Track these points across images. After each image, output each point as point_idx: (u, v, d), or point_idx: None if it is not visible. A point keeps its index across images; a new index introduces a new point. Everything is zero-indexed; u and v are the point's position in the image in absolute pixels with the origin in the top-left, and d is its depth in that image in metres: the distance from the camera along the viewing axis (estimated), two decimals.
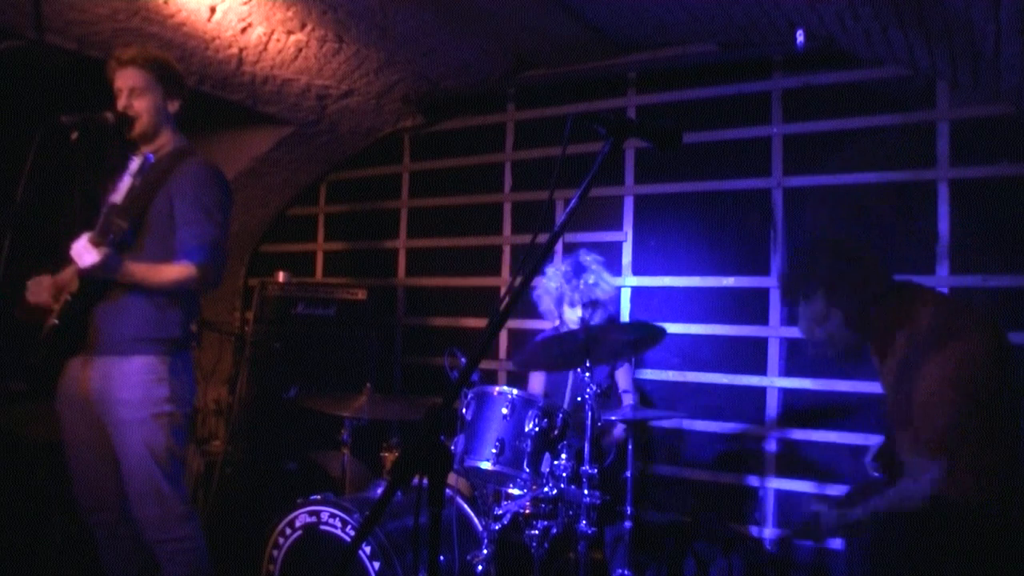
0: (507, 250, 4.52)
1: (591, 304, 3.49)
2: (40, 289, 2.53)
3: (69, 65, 3.53)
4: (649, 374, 4.00)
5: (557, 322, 3.64)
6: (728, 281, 3.85)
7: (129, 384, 2.47)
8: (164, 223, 2.53)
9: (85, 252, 2.28)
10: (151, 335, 2.52)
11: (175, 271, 2.48)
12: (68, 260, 2.39)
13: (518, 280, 1.39)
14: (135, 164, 2.39)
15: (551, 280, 3.53)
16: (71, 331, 2.46)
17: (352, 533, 2.66)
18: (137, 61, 2.58)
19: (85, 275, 2.37)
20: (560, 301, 3.52)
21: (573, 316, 3.49)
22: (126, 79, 2.57)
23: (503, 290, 4.47)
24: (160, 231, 2.53)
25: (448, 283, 4.73)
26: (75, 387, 2.55)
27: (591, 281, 3.47)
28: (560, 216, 3.67)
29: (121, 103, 2.57)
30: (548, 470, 2.75)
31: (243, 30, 3.52)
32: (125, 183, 2.40)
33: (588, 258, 3.57)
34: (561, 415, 2.86)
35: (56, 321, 2.44)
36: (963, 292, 3.32)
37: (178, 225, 2.53)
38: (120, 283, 2.45)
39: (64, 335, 2.45)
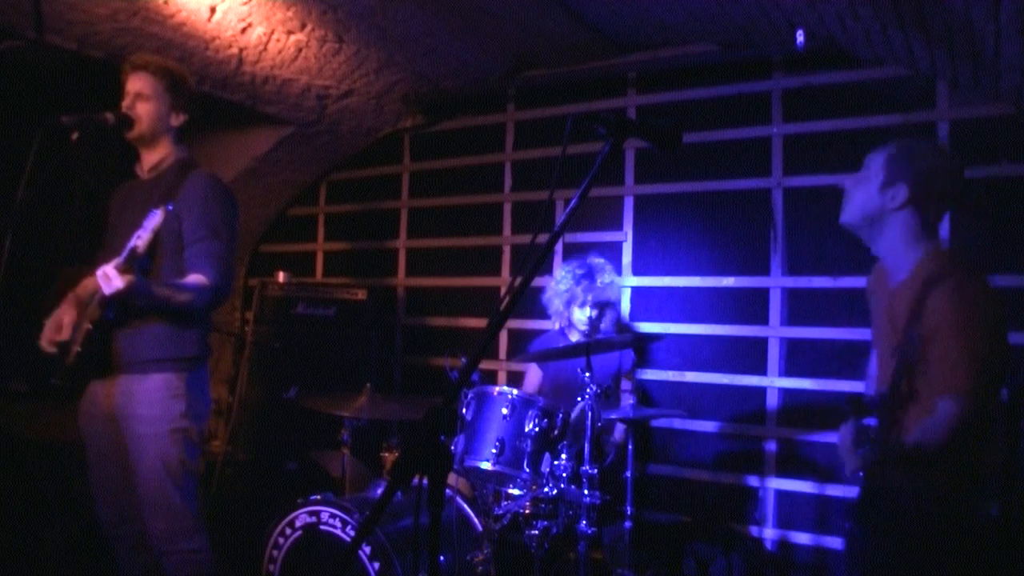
0: (507, 250, 4.51)
1: (600, 305, 3.51)
2: (58, 328, 2.49)
3: (69, 65, 3.53)
4: (649, 374, 4.00)
5: (565, 323, 3.64)
6: (728, 281, 3.85)
7: (148, 400, 2.51)
8: (175, 241, 2.55)
9: (113, 278, 2.26)
10: (170, 355, 2.55)
11: (190, 290, 2.49)
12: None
13: (518, 280, 1.39)
14: (158, 218, 2.36)
15: (561, 282, 3.55)
16: (94, 357, 2.47)
17: (352, 533, 2.66)
18: (149, 67, 2.60)
19: (112, 300, 2.34)
20: (570, 302, 3.54)
21: (582, 317, 3.50)
22: (135, 83, 2.59)
23: (503, 290, 4.46)
24: (171, 250, 2.54)
25: (448, 283, 4.72)
26: (97, 405, 2.58)
27: (605, 281, 3.50)
28: (560, 216, 3.67)
29: (125, 104, 2.59)
30: (548, 470, 2.75)
31: (243, 30, 3.52)
32: (147, 234, 2.36)
33: (599, 261, 3.59)
34: (561, 415, 2.87)
35: (79, 348, 2.46)
36: None
37: (186, 243, 2.55)
38: (140, 308, 2.46)
39: (87, 361, 2.47)
